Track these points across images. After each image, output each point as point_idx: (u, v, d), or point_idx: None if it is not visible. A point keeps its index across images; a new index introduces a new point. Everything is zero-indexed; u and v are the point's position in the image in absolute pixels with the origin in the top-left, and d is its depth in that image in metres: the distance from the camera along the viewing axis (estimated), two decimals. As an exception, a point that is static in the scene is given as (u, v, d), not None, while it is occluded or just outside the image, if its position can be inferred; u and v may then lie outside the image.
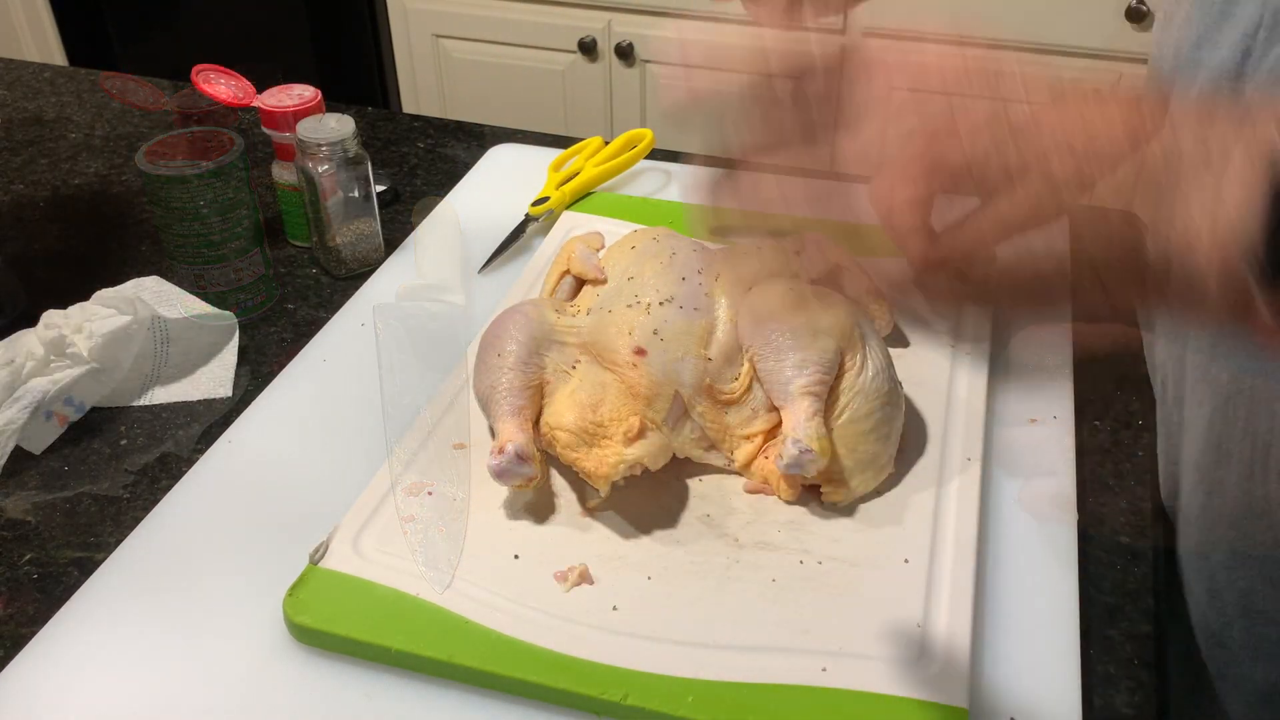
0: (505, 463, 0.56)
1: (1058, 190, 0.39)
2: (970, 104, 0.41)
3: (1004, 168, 0.40)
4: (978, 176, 0.41)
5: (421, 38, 1.94)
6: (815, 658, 0.50)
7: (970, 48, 0.42)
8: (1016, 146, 0.40)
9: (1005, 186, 0.40)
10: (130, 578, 0.57)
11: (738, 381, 0.62)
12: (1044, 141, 0.39)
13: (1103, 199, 0.39)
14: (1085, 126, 0.38)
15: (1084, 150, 0.38)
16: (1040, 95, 0.39)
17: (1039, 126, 0.39)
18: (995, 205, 0.41)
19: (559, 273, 0.70)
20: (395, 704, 0.50)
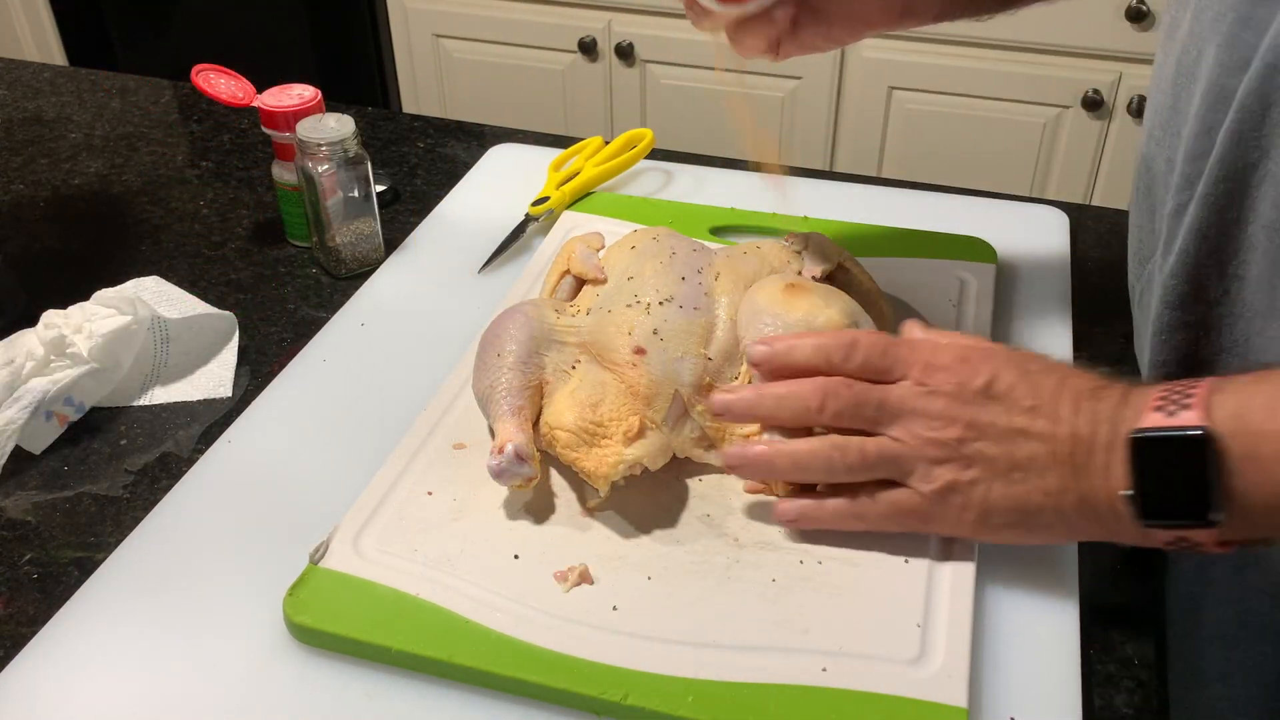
0: (504, 463, 0.56)
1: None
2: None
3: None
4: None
5: (421, 38, 1.94)
6: (815, 658, 0.50)
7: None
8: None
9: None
10: (130, 578, 0.57)
11: (738, 381, 0.62)
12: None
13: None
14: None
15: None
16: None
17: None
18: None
19: (559, 273, 0.70)
20: (395, 704, 0.51)
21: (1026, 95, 1.69)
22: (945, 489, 0.52)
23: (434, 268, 0.82)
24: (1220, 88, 0.51)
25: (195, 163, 1.00)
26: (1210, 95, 0.52)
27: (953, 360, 0.52)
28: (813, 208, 0.85)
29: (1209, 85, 0.52)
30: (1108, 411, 0.48)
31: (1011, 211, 0.86)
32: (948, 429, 0.51)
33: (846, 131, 1.83)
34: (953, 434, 0.51)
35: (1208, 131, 0.53)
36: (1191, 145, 0.54)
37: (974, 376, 0.52)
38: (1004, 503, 0.51)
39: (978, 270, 0.77)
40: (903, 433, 0.52)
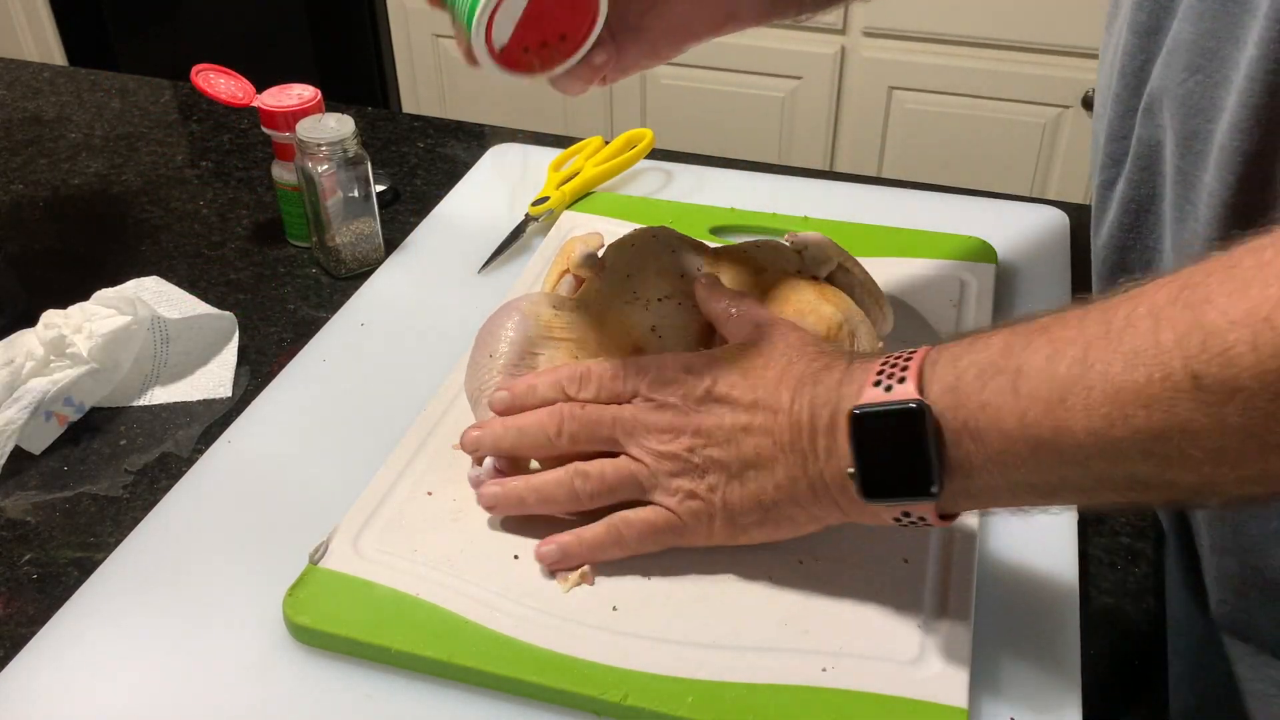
0: (484, 475, 0.57)
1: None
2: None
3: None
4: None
5: (421, 38, 1.94)
6: (815, 658, 0.50)
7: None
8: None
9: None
10: (130, 578, 0.57)
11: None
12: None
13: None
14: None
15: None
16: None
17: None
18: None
19: (559, 272, 0.70)
20: (395, 704, 0.51)
21: (1026, 95, 1.69)
22: (686, 499, 0.52)
23: (434, 268, 0.82)
24: (1135, 70, 0.53)
25: (195, 163, 1.00)
26: (1126, 76, 0.54)
27: (677, 371, 0.53)
28: (813, 208, 0.85)
29: (1123, 67, 0.54)
30: (826, 393, 0.48)
31: (1011, 211, 0.86)
32: (677, 440, 0.52)
33: (846, 131, 1.83)
34: (682, 444, 0.52)
35: (1127, 113, 0.54)
36: (1114, 125, 0.56)
37: (697, 383, 0.52)
38: (743, 503, 0.51)
39: (978, 270, 0.77)
40: (638, 450, 0.53)
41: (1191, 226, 0.50)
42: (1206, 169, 0.48)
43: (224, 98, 0.85)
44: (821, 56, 1.76)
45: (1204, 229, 0.49)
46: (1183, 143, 0.50)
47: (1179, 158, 0.50)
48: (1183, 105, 0.49)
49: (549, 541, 0.55)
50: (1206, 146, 0.48)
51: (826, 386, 0.49)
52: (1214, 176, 0.48)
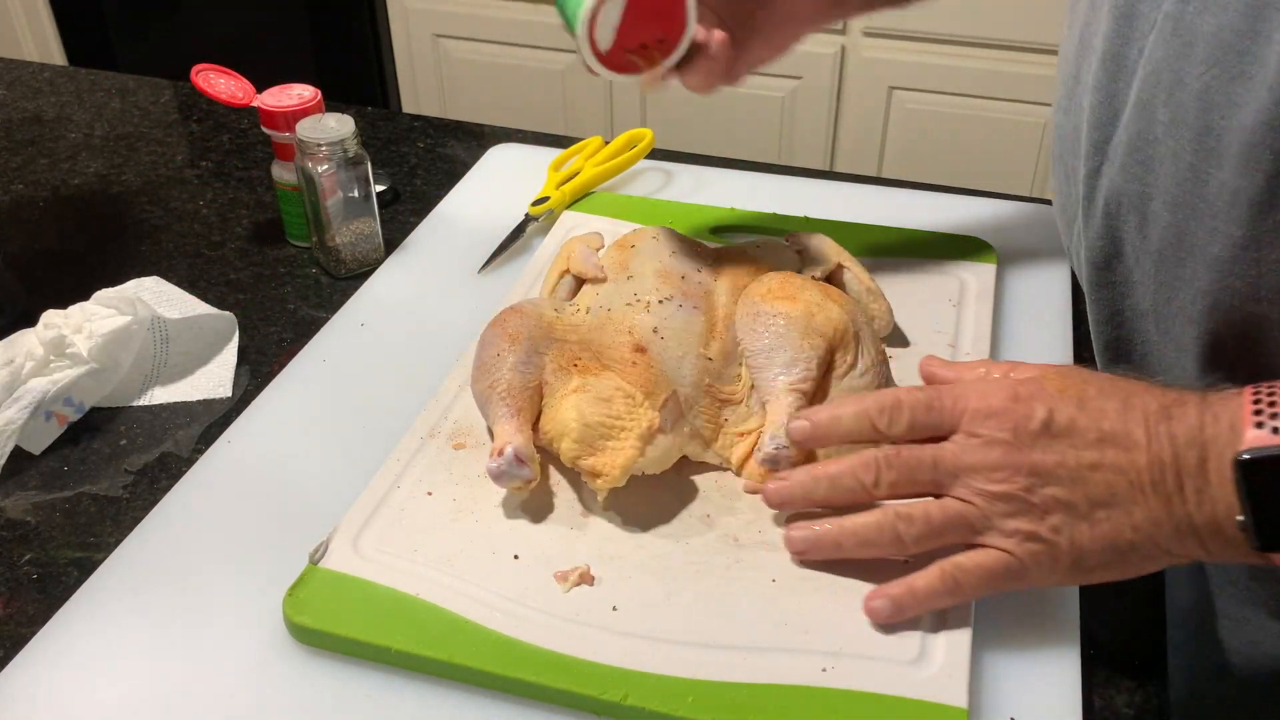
0: (503, 465, 0.56)
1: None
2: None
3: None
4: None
5: (421, 38, 1.94)
6: (815, 658, 0.50)
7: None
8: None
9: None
10: (130, 578, 0.57)
11: (740, 382, 0.62)
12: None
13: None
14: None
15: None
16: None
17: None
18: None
19: (559, 272, 0.70)
20: (395, 704, 0.51)
21: (1026, 95, 1.69)
22: (1025, 541, 0.48)
23: (434, 268, 0.82)
24: (1118, 55, 0.52)
25: (195, 163, 1.00)
26: (1109, 63, 0.53)
27: (1004, 402, 0.49)
28: (813, 208, 0.85)
29: (1105, 54, 0.53)
30: (1187, 431, 0.45)
31: (1011, 211, 0.86)
32: (1012, 479, 0.48)
33: (846, 131, 1.83)
34: (1019, 484, 0.48)
35: (1110, 99, 0.54)
36: (1098, 113, 0.55)
37: (1029, 417, 0.48)
38: (1094, 545, 0.48)
39: (978, 270, 0.77)
40: (965, 491, 0.49)
41: (1204, 222, 0.50)
42: (1223, 165, 0.48)
43: (224, 98, 0.85)
44: (821, 56, 1.76)
45: (1222, 225, 0.48)
46: (1197, 137, 0.49)
47: (1192, 153, 0.49)
48: (1198, 100, 0.48)
49: (878, 595, 0.51)
50: (1221, 143, 0.47)
51: (1187, 424, 0.46)
52: (1235, 173, 0.47)
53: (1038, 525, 0.48)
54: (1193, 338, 0.53)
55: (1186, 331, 0.53)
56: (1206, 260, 0.50)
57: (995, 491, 0.48)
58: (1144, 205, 0.53)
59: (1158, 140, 0.51)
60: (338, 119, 0.79)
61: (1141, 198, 0.53)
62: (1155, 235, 0.53)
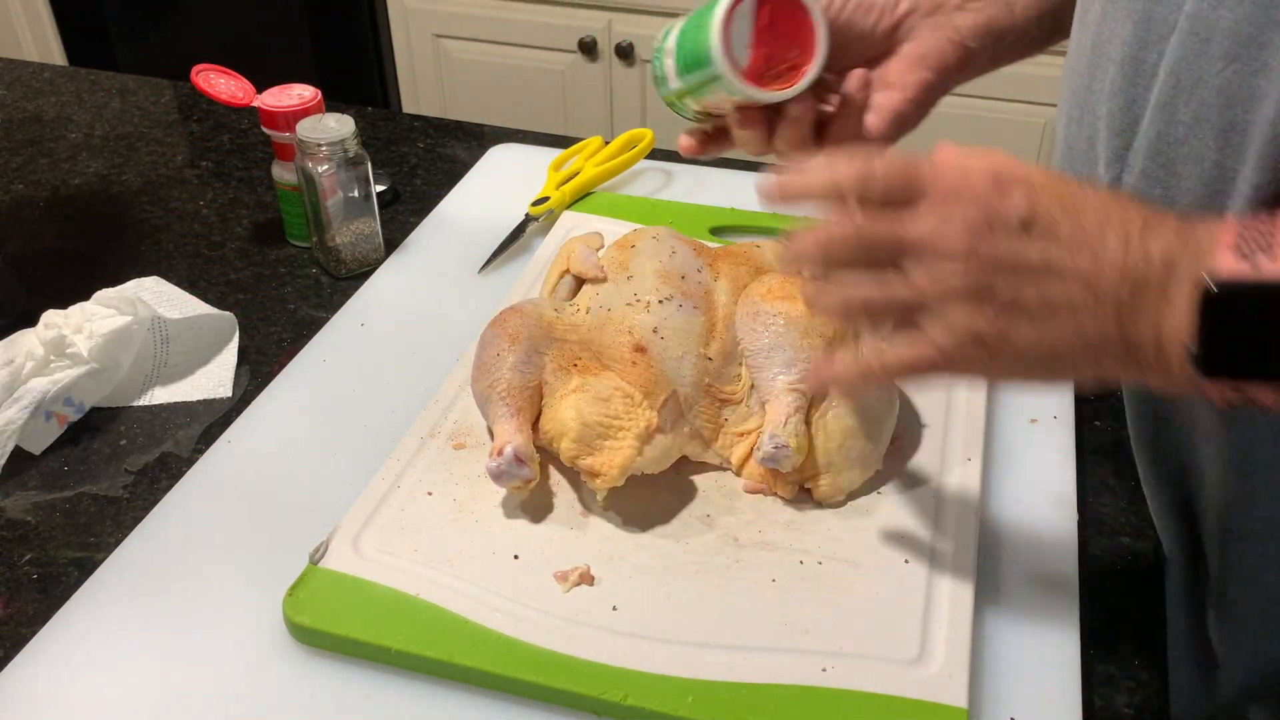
0: (503, 465, 0.56)
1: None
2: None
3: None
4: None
5: (421, 38, 1.94)
6: (815, 658, 0.50)
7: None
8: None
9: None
10: (130, 578, 0.57)
11: (740, 382, 0.62)
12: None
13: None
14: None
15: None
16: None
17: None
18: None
19: (559, 272, 0.70)
20: (395, 704, 0.51)
21: (1026, 95, 1.69)
22: (967, 338, 0.46)
23: (434, 268, 0.82)
24: (1136, 59, 0.52)
25: (195, 163, 1.00)
26: (1127, 68, 0.52)
27: (983, 184, 0.46)
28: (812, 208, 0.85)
29: (1124, 59, 0.52)
30: (1163, 248, 0.43)
31: (1011, 211, 0.86)
32: (973, 272, 0.45)
33: (846, 131, 1.83)
34: (978, 278, 0.45)
35: (1129, 105, 0.53)
36: (1116, 119, 0.54)
37: (1006, 204, 0.45)
38: (1035, 350, 0.45)
39: (978, 270, 0.77)
40: (921, 274, 0.46)
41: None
42: (1246, 161, 0.47)
43: (224, 98, 0.85)
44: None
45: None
46: (1220, 135, 0.48)
47: (1217, 151, 0.48)
48: (1219, 96, 0.47)
49: (807, 375, 0.50)
50: (1244, 139, 0.47)
51: (1164, 241, 0.43)
52: (1254, 168, 0.46)
53: (985, 325, 0.45)
54: None
55: None
56: None
57: (952, 283, 0.46)
58: (1171, 207, 0.52)
59: (1180, 141, 0.50)
60: (338, 119, 0.79)
61: (1165, 201, 0.52)
62: None
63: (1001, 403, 0.67)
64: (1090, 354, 0.45)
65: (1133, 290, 0.43)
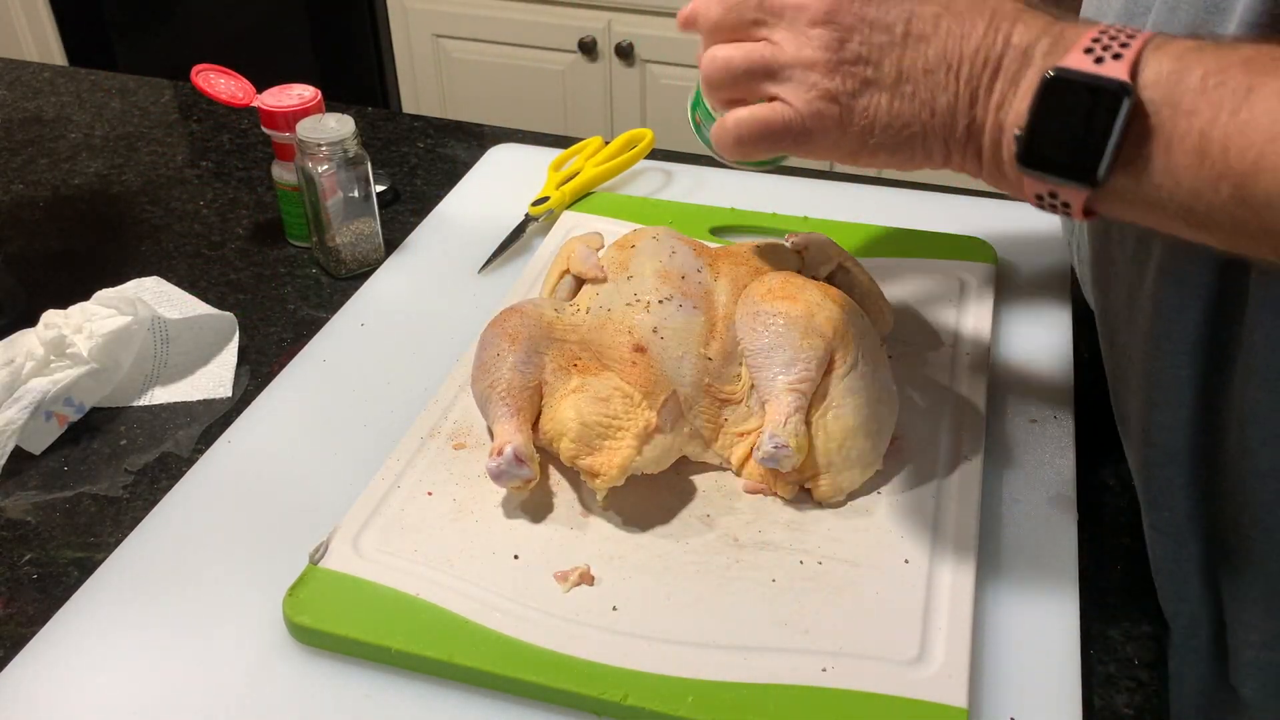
0: (503, 465, 0.56)
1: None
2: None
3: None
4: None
5: (421, 38, 1.94)
6: (815, 658, 0.50)
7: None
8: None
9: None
10: (130, 578, 0.57)
11: (740, 381, 0.62)
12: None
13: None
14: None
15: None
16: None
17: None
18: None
19: (559, 272, 0.70)
20: (395, 704, 0.51)
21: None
22: (820, 99, 0.45)
23: (434, 268, 0.82)
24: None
25: (195, 163, 1.00)
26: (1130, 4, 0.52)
27: None
28: (813, 208, 0.85)
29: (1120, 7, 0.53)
30: (1025, 38, 0.43)
31: (1011, 211, 0.86)
32: (829, 25, 0.45)
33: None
34: (833, 32, 0.45)
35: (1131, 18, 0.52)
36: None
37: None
38: (886, 119, 0.45)
39: (978, 270, 0.77)
40: (780, 34, 0.46)
41: None
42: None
43: (224, 98, 0.85)
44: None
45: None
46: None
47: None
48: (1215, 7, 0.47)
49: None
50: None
51: (1028, 31, 0.43)
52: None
53: (839, 85, 0.45)
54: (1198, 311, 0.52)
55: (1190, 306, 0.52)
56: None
57: (810, 42, 0.45)
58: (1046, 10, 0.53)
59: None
60: (338, 119, 0.79)
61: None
62: (1131, 239, 0.53)
63: (1001, 403, 0.67)
64: (937, 136, 0.45)
65: (987, 71, 0.43)
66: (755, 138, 0.48)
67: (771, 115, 0.47)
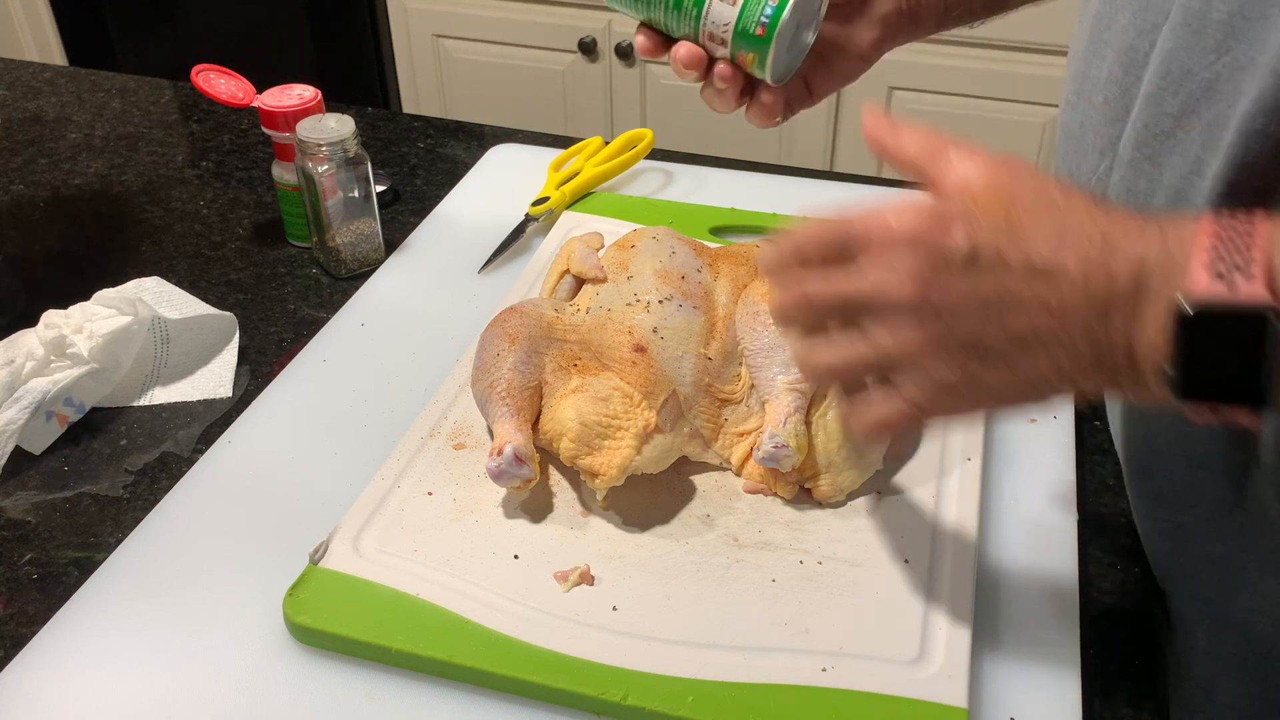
0: (503, 464, 0.56)
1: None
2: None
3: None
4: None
5: (421, 38, 1.94)
6: (815, 658, 0.50)
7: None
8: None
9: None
10: (130, 578, 0.57)
11: (740, 381, 0.62)
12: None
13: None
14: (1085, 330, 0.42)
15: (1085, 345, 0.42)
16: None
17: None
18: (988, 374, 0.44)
19: (559, 272, 0.70)
20: (395, 704, 0.51)
21: (1026, 95, 1.69)
22: (938, 390, 0.44)
23: (434, 268, 0.82)
24: (1132, 48, 0.51)
25: (195, 163, 1.00)
26: (1124, 56, 0.52)
27: (919, 226, 0.43)
28: (813, 208, 0.85)
29: (1122, 47, 0.52)
30: (1129, 264, 0.41)
31: (1011, 211, 0.86)
32: (927, 322, 0.43)
33: (846, 131, 1.83)
34: (934, 328, 0.43)
35: (1124, 94, 0.52)
36: (1112, 107, 0.53)
37: (946, 243, 0.42)
38: (1010, 388, 0.44)
39: (978, 270, 0.77)
40: (878, 331, 0.45)
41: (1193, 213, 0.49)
42: (1218, 155, 0.47)
43: (224, 98, 0.85)
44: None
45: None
46: (1206, 129, 0.47)
47: (1199, 146, 0.48)
48: (1207, 89, 0.47)
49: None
50: (1222, 133, 0.46)
51: (1129, 257, 0.41)
52: (1224, 160, 0.46)
53: (953, 373, 0.44)
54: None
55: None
56: None
57: (910, 335, 0.44)
58: (1148, 202, 0.52)
59: (1166, 134, 0.50)
60: (338, 119, 0.79)
61: (1146, 194, 0.52)
62: None
63: (1001, 403, 0.67)
64: (1068, 380, 0.43)
65: (1100, 312, 0.41)
66: (884, 432, 0.47)
67: (894, 412, 0.46)
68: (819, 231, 0.47)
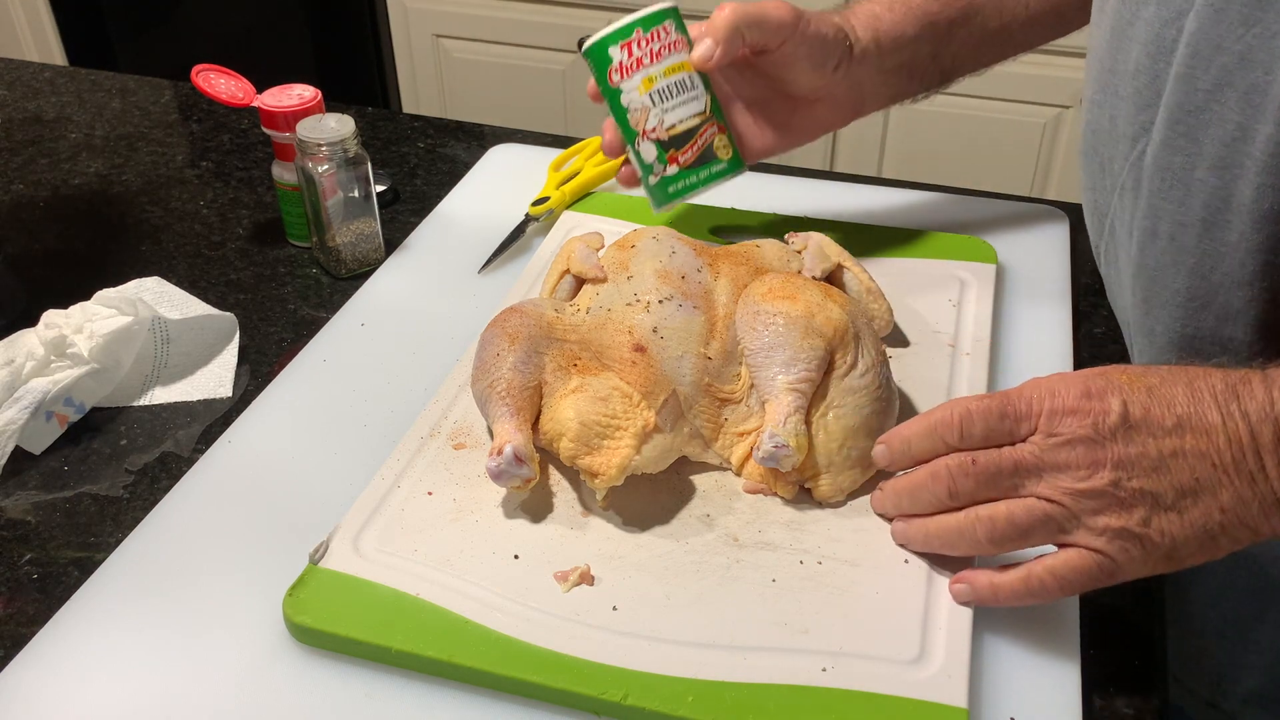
0: (503, 464, 0.56)
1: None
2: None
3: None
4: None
5: (421, 38, 1.94)
6: (815, 658, 0.50)
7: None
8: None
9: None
10: (130, 578, 0.57)
11: (740, 381, 0.62)
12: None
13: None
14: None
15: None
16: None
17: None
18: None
19: (559, 272, 0.70)
20: (395, 704, 0.51)
21: (1026, 95, 1.69)
22: (1116, 538, 0.48)
23: (434, 268, 0.82)
24: (1159, 37, 0.53)
25: (195, 163, 1.00)
26: (1150, 46, 0.54)
27: (1077, 399, 0.49)
28: (813, 208, 0.85)
29: (1148, 38, 0.54)
30: (1259, 409, 0.46)
31: (1011, 211, 0.86)
32: (1097, 474, 0.47)
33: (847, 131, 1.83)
34: (1104, 478, 0.47)
35: (1153, 80, 0.54)
36: (1143, 95, 0.55)
37: (1105, 411, 0.48)
38: (1185, 533, 0.47)
39: (978, 270, 0.77)
40: (1049, 490, 0.49)
41: (1250, 180, 0.50)
42: (1265, 120, 0.48)
43: (224, 98, 0.85)
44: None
45: (1270, 179, 0.49)
46: (1242, 97, 0.49)
47: (1239, 113, 0.50)
48: (1241, 60, 0.49)
49: (964, 579, 0.52)
50: (1264, 99, 0.48)
51: (1257, 402, 0.46)
52: (1275, 124, 0.48)
53: (1127, 520, 0.47)
54: (1245, 301, 0.53)
55: (1236, 296, 0.53)
56: (1256, 218, 0.51)
57: (1082, 489, 0.48)
58: (1188, 175, 0.53)
59: (1200, 109, 0.51)
60: (338, 119, 0.79)
61: (1185, 169, 0.53)
62: (1198, 204, 0.53)
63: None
64: (1239, 522, 0.47)
65: (1251, 454, 0.46)
66: (1067, 586, 0.50)
67: (1086, 564, 0.49)
68: (982, 409, 0.51)
